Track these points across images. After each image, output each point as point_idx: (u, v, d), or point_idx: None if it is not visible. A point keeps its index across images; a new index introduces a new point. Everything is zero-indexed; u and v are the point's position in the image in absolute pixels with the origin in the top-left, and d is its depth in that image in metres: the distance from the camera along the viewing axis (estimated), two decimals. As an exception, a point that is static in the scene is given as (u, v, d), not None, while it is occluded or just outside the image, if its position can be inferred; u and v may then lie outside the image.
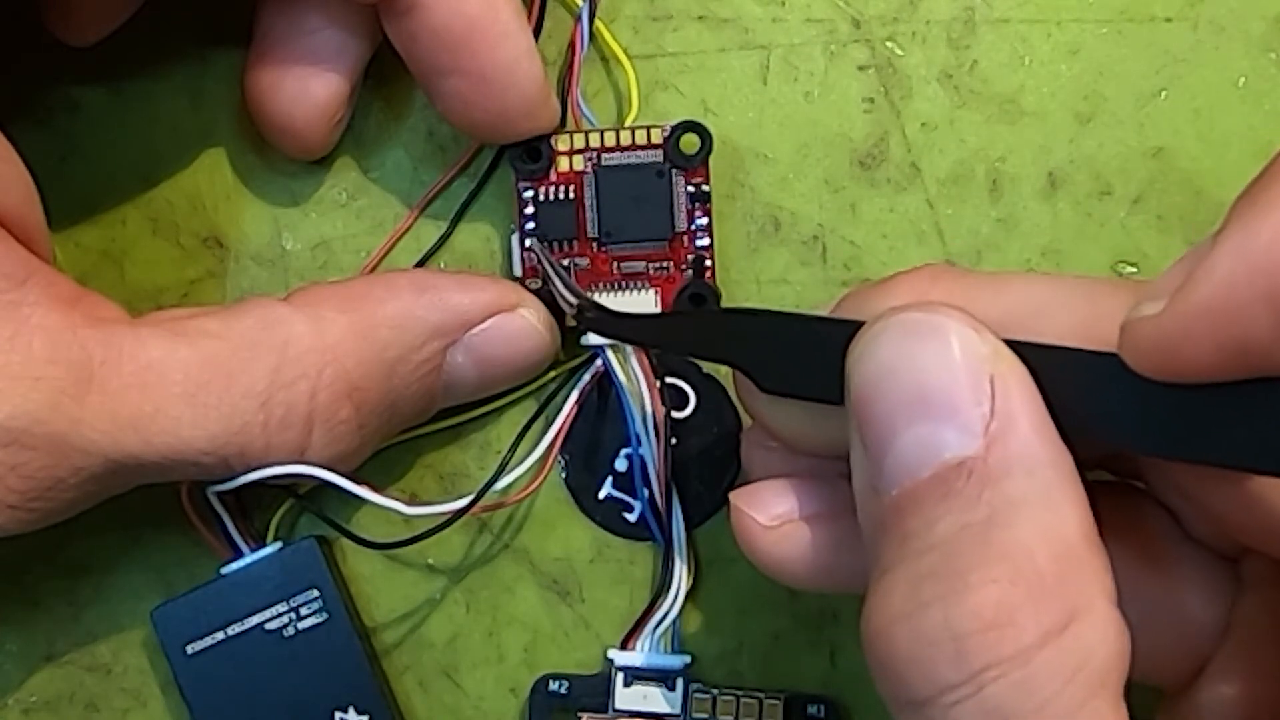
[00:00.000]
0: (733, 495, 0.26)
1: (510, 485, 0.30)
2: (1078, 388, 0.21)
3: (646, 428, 0.30)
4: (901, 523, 0.21)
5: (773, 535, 0.25)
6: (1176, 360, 0.20)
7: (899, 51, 0.31)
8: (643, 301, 0.30)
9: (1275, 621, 0.23)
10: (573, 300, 0.28)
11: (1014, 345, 0.21)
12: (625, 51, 0.31)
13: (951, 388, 0.20)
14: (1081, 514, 0.20)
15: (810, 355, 0.23)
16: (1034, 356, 0.21)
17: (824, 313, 0.25)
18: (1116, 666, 0.20)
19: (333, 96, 0.30)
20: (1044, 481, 0.20)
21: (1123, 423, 0.21)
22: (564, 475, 0.32)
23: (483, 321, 0.29)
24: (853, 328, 0.22)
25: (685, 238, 0.30)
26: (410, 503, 0.30)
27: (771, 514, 0.25)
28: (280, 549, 0.30)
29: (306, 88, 0.29)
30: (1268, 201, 0.19)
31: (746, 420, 0.28)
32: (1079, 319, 0.22)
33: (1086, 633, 0.19)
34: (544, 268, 0.29)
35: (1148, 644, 0.20)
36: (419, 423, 0.30)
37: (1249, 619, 0.24)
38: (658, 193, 0.30)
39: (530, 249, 0.30)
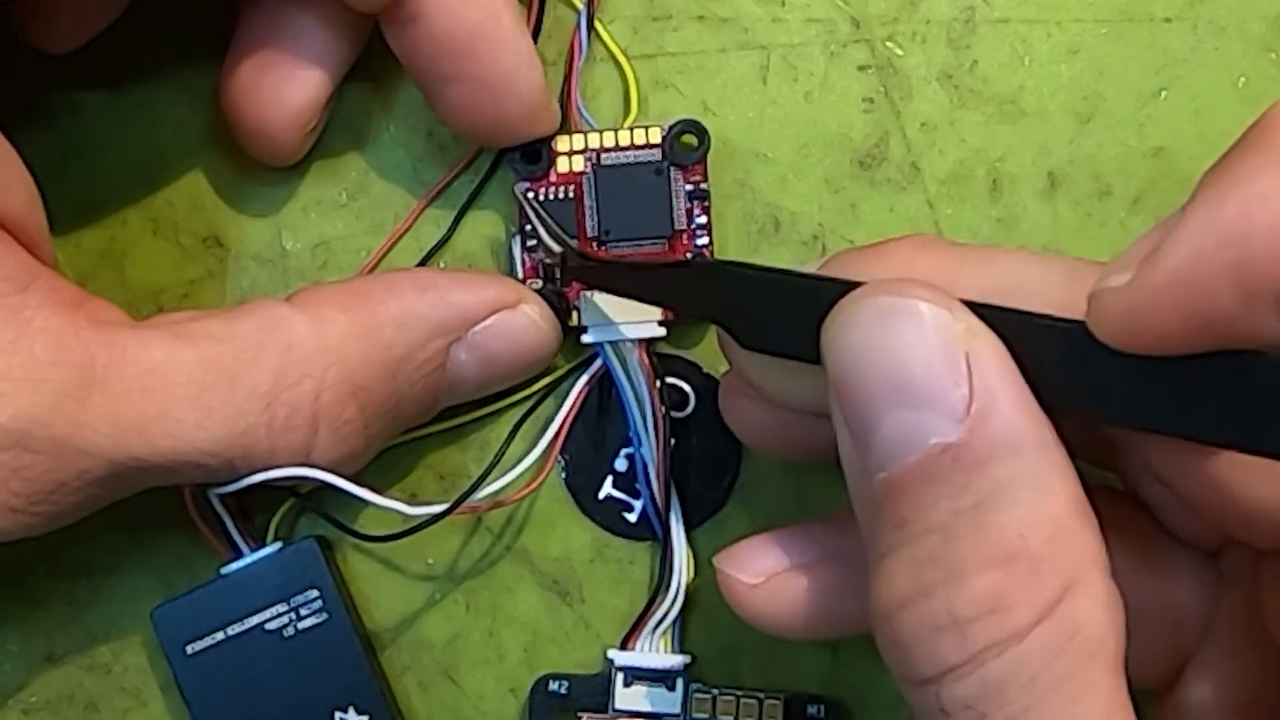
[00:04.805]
0: (715, 559, 0.26)
1: (510, 485, 0.30)
2: (1048, 357, 0.21)
3: (646, 428, 0.30)
4: (895, 508, 0.21)
5: (761, 593, 0.25)
6: (1142, 331, 0.20)
7: (899, 51, 0.31)
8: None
9: (1254, 614, 0.24)
10: (556, 248, 0.28)
11: (984, 311, 0.21)
12: (625, 52, 0.31)
13: (929, 371, 0.20)
14: (1070, 487, 0.20)
15: (791, 313, 0.23)
16: (1004, 324, 0.21)
17: (810, 269, 0.25)
18: (1110, 637, 0.20)
19: (308, 104, 0.30)
20: (1030, 460, 0.20)
21: (1091, 392, 0.21)
22: (564, 475, 0.32)
23: (485, 318, 0.29)
24: (835, 288, 0.22)
25: (684, 236, 0.30)
26: (411, 503, 0.30)
27: (756, 571, 0.25)
28: (280, 549, 0.30)
29: (281, 93, 0.29)
30: (1234, 175, 0.19)
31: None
32: (1062, 296, 0.22)
33: (1077, 607, 0.20)
34: (529, 214, 0.29)
35: (1132, 643, 0.21)
36: (423, 422, 0.30)
37: (1229, 613, 0.24)
38: (656, 191, 0.30)
39: (515, 189, 0.30)
